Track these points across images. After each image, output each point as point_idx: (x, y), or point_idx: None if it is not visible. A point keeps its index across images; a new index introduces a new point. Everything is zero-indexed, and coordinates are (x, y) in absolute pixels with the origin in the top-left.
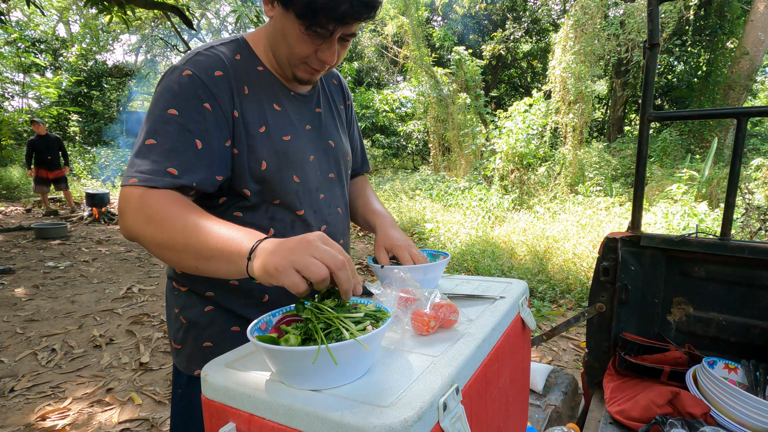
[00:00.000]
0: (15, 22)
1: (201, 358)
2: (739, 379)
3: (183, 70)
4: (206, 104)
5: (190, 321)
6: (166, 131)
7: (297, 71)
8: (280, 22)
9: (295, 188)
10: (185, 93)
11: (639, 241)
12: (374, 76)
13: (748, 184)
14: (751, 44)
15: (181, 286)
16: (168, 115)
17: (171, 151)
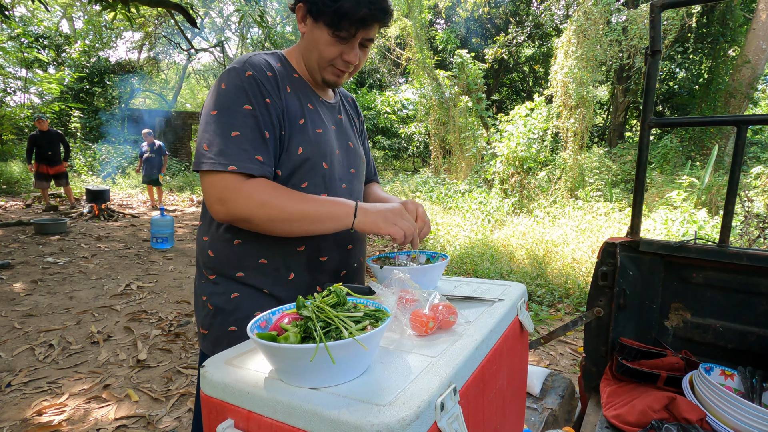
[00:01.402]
0: (19, 18)
1: (226, 342)
2: (736, 386)
3: (245, 71)
4: (267, 99)
5: (216, 307)
6: (247, 124)
7: (325, 74)
8: (311, 34)
9: (322, 173)
10: (253, 91)
11: (638, 247)
12: (376, 77)
13: (748, 191)
14: (753, 52)
15: (210, 275)
16: (245, 110)
17: (254, 141)
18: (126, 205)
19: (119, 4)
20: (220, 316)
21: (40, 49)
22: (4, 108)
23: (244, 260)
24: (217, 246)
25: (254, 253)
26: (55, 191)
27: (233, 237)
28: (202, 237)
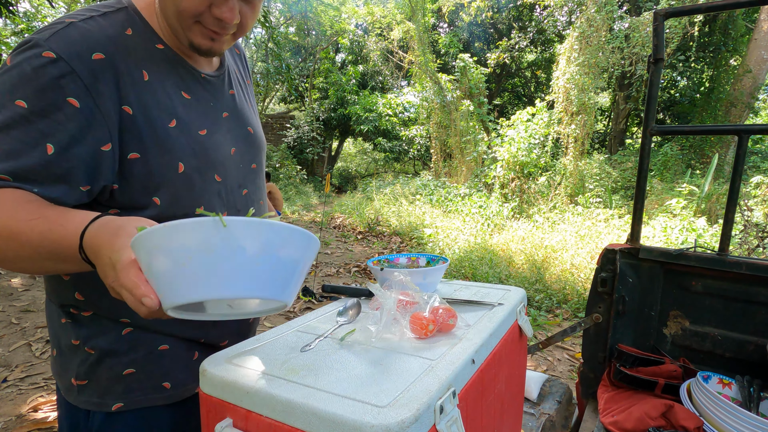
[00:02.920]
0: (23, 13)
1: (121, 389)
2: (733, 395)
3: (44, 50)
4: (71, 99)
5: (101, 350)
6: (7, 126)
7: (192, 36)
8: None
9: (217, 189)
10: (42, 82)
11: (638, 254)
12: (379, 80)
13: (748, 201)
14: (754, 62)
15: (83, 312)
16: (14, 106)
17: (9, 153)
18: None
19: None
20: (108, 359)
21: None
22: None
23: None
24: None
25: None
26: None
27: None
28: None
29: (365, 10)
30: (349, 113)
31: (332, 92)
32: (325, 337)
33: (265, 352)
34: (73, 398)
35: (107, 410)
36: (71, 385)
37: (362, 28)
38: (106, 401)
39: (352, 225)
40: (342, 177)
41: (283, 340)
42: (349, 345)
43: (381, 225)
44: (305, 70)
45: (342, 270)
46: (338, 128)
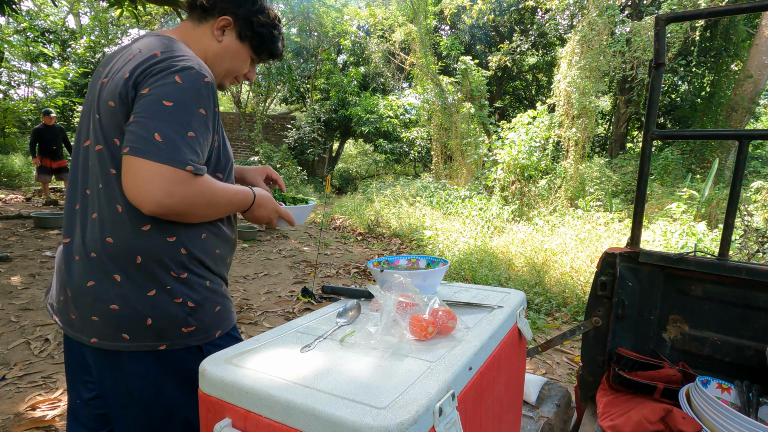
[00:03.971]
0: (26, 12)
1: (216, 321)
2: (732, 400)
3: (204, 76)
4: (216, 108)
5: (197, 302)
6: (200, 127)
7: (226, 81)
8: (231, 47)
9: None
10: (208, 96)
11: (637, 258)
12: (380, 81)
13: (748, 206)
14: (755, 67)
15: (181, 273)
16: (200, 113)
17: (203, 145)
18: None
19: (126, 1)
20: (205, 304)
21: (46, 43)
22: (7, 101)
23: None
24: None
25: (212, 244)
26: (55, 185)
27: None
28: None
29: (367, 12)
30: (350, 114)
31: (333, 93)
32: (325, 338)
33: (265, 353)
34: (182, 343)
35: (213, 339)
36: (181, 334)
37: (364, 30)
38: (211, 333)
39: (352, 226)
40: (342, 178)
41: (282, 341)
42: (348, 346)
43: (381, 226)
44: (307, 71)
45: (342, 271)
46: (339, 129)
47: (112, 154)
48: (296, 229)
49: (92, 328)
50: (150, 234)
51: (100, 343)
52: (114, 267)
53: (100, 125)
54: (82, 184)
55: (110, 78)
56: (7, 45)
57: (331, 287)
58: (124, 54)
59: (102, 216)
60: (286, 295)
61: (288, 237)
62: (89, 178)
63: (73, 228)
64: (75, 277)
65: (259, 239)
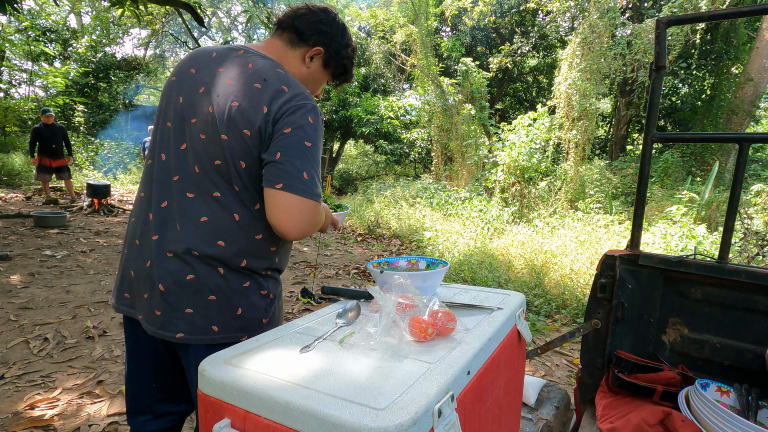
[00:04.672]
0: (27, 11)
1: (281, 315)
2: (731, 403)
3: (319, 113)
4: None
5: (276, 294)
6: (318, 162)
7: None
8: (317, 74)
9: None
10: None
11: (637, 260)
12: (381, 82)
13: (748, 209)
14: (756, 71)
15: (267, 272)
16: (318, 149)
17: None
18: (126, 201)
19: (128, 0)
20: (278, 299)
21: (47, 42)
22: (8, 100)
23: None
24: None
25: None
26: (55, 184)
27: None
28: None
29: (368, 13)
30: (350, 115)
31: (334, 94)
32: (325, 338)
33: (264, 353)
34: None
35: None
36: (261, 324)
37: (365, 31)
38: (276, 326)
39: (352, 227)
40: (343, 179)
41: (282, 342)
42: (348, 347)
43: (381, 227)
44: None
45: (341, 272)
46: (340, 130)
47: (239, 173)
48: None
49: (181, 322)
50: (260, 243)
51: (186, 338)
52: (220, 264)
53: (227, 146)
54: (180, 186)
55: (241, 104)
56: (8, 44)
57: (331, 288)
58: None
59: (214, 221)
60: (285, 296)
61: None
62: (194, 183)
63: (163, 225)
64: (170, 272)
65: None
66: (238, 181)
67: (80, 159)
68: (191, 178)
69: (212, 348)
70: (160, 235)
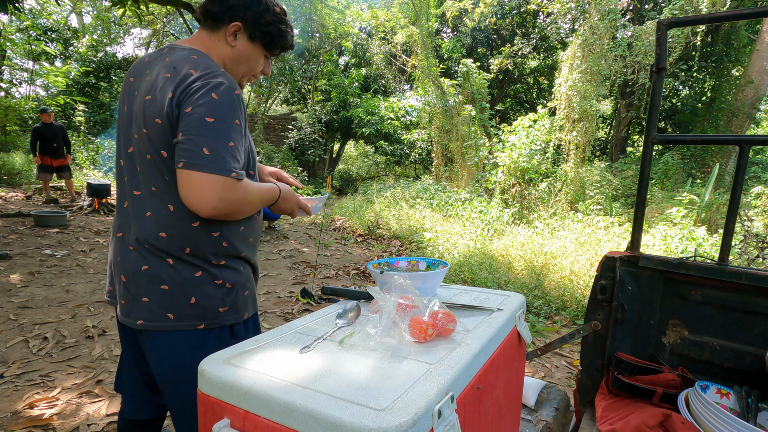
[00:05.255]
0: (28, 10)
1: (246, 304)
2: (731, 405)
3: (234, 89)
4: (245, 117)
5: (234, 283)
6: (238, 137)
7: (244, 81)
8: (246, 50)
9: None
10: (240, 107)
11: (637, 262)
12: (381, 83)
13: (748, 211)
14: (756, 73)
15: (219, 261)
16: (236, 125)
17: (240, 152)
18: None
19: (129, 0)
20: (238, 288)
21: (48, 42)
22: (9, 99)
23: (243, 242)
24: (231, 237)
25: (248, 234)
26: (56, 184)
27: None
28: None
29: (369, 14)
30: (351, 116)
31: (335, 95)
32: (324, 339)
33: (264, 354)
34: (218, 322)
35: (242, 320)
36: (218, 313)
37: (366, 32)
38: (241, 314)
39: (352, 227)
40: (343, 179)
41: (282, 342)
42: (348, 347)
43: (381, 228)
44: (308, 72)
45: (341, 272)
46: (340, 131)
47: (164, 163)
48: (296, 230)
49: (141, 311)
50: (198, 229)
51: (146, 324)
52: (167, 255)
53: (148, 139)
54: (130, 185)
55: (153, 96)
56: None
57: (331, 288)
58: (161, 71)
59: (155, 214)
60: (285, 296)
61: (288, 238)
62: (138, 181)
63: (125, 223)
64: (129, 264)
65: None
66: (166, 171)
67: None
68: (136, 177)
69: (171, 335)
70: (123, 231)
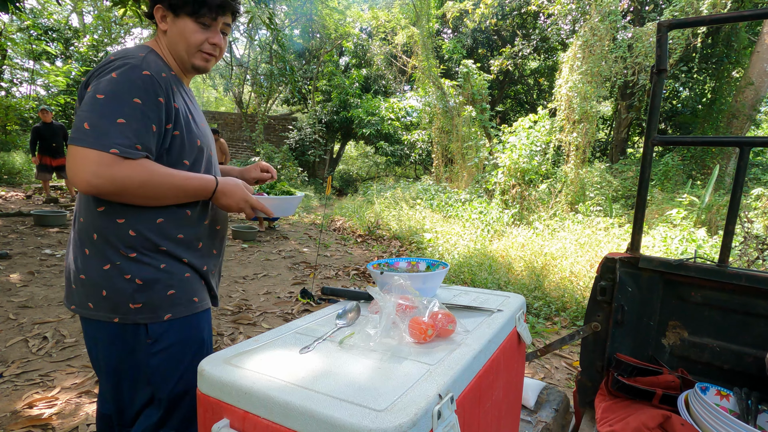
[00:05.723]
0: (29, 10)
1: (169, 303)
2: (731, 407)
3: (143, 70)
4: (160, 98)
5: (147, 279)
6: (134, 115)
7: (195, 60)
8: (175, 28)
9: (209, 158)
10: (147, 88)
11: (637, 263)
12: (382, 83)
13: (748, 212)
14: (757, 75)
15: (130, 253)
16: (134, 102)
17: (138, 131)
18: None
19: (130, 0)
20: (155, 284)
21: (49, 41)
22: (9, 99)
23: (165, 236)
24: (138, 226)
25: (173, 229)
26: (56, 183)
27: (155, 216)
28: (116, 219)
29: (370, 15)
30: (351, 116)
31: (335, 95)
32: (324, 339)
33: (264, 354)
34: (131, 319)
35: (160, 321)
36: (129, 309)
37: (366, 32)
38: (158, 314)
39: (352, 228)
40: (343, 180)
41: (281, 342)
42: (347, 348)
43: (381, 228)
44: (309, 73)
45: (341, 273)
46: (340, 131)
47: None
48: (296, 231)
49: (73, 296)
50: (103, 215)
51: (77, 310)
52: (84, 242)
53: None
54: None
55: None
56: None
57: (331, 289)
58: None
59: (79, 200)
60: (285, 296)
61: (288, 238)
62: None
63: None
64: (71, 251)
65: (258, 240)
66: None
67: None
68: None
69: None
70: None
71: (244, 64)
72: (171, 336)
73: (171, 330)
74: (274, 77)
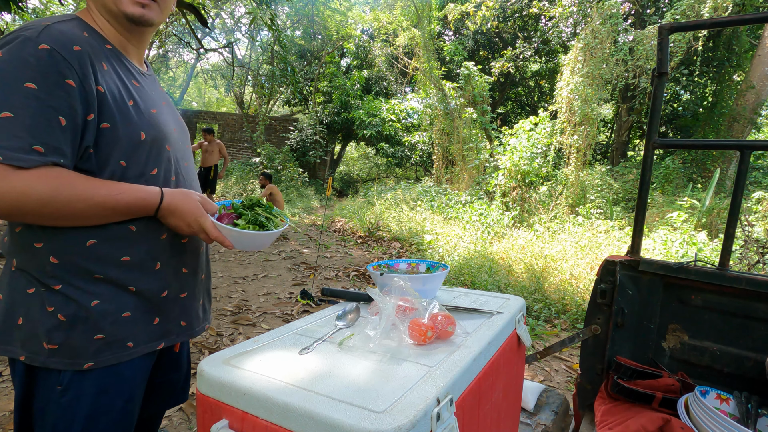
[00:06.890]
0: (32, 10)
1: (92, 350)
2: (731, 410)
3: (38, 43)
4: (68, 80)
5: (71, 317)
6: (27, 106)
7: (124, 6)
8: None
9: (167, 156)
10: (44, 69)
11: (638, 266)
12: (383, 85)
13: (749, 216)
14: (758, 78)
15: (54, 284)
16: (26, 88)
17: (33, 128)
18: None
19: None
20: (80, 325)
21: None
22: None
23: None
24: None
25: (112, 251)
26: None
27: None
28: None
29: (371, 16)
30: (352, 117)
31: (336, 96)
32: (324, 340)
33: (263, 355)
34: (40, 361)
35: (77, 369)
36: (41, 349)
37: (368, 34)
38: (77, 361)
39: (353, 229)
40: (344, 181)
41: (281, 343)
42: (347, 349)
43: (381, 230)
44: (310, 74)
45: (341, 274)
46: (341, 132)
47: None
48: (296, 231)
49: None
50: (18, 237)
51: None
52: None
53: None
54: None
55: None
56: None
57: (331, 290)
58: None
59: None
60: (284, 297)
61: (288, 239)
62: None
63: None
64: None
65: None
66: None
67: None
68: None
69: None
70: None
71: (246, 65)
72: (87, 386)
73: (88, 379)
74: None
